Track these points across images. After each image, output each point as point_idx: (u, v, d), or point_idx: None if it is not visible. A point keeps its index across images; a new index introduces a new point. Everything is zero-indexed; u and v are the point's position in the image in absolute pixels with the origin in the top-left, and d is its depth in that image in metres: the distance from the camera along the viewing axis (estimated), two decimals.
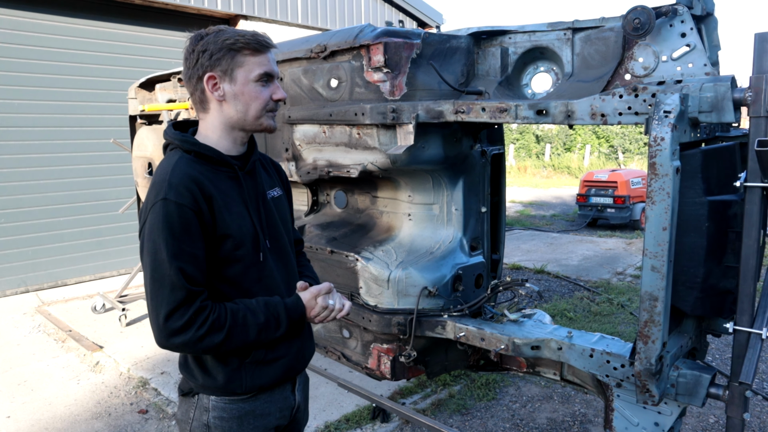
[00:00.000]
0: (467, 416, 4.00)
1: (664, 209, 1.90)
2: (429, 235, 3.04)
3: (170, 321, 1.48)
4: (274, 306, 1.62)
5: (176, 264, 1.47)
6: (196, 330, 1.49)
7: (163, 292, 1.48)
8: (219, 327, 1.52)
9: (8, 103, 6.64)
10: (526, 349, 2.57)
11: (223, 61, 1.58)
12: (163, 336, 1.50)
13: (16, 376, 4.70)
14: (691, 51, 2.13)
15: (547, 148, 26.37)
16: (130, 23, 7.47)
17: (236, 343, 1.55)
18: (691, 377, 2.14)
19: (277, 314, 1.61)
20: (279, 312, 1.62)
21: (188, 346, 1.51)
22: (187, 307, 1.49)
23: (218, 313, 1.53)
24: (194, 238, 1.51)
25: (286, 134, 3.29)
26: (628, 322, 5.80)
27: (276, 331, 1.61)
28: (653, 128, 1.89)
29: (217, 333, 1.51)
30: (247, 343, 1.58)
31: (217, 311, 1.53)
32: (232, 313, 1.55)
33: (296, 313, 1.66)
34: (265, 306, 1.61)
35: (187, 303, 1.49)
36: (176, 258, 1.47)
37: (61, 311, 6.40)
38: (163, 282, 1.48)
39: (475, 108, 2.51)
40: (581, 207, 11.55)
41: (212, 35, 1.59)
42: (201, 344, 1.51)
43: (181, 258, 1.48)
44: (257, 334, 1.58)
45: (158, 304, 1.49)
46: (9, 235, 6.80)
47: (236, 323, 1.55)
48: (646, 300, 1.98)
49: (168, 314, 1.48)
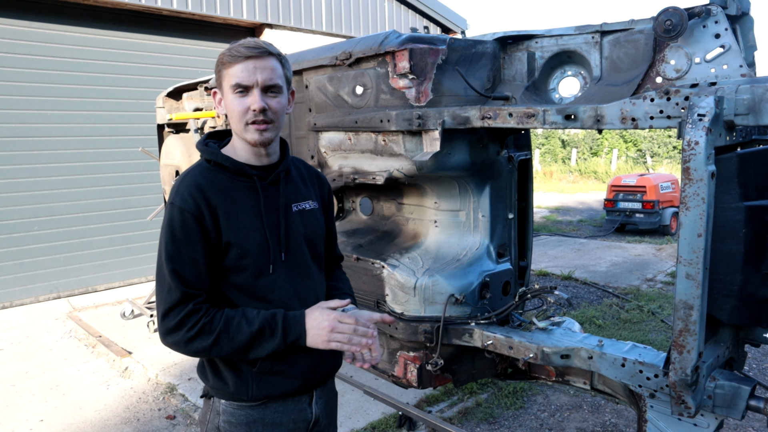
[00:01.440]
0: (494, 425, 3.95)
1: (699, 215, 1.84)
2: (455, 242, 3.01)
3: (166, 320, 1.54)
4: (272, 316, 1.58)
5: (171, 266, 1.53)
6: (186, 331, 1.53)
7: (163, 291, 1.55)
8: (209, 331, 1.53)
9: (41, 113, 6.82)
10: (555, 358, 2.52)
11: (217, 75, 1.63)
12: (161, 334, 1.57)
13: (48, 381, 4.79)
14: (725, 52, 2.07)
15: (573, 153, 26.07)
16: (157, 34, 7.61)
17: (227, 349, 1.55)
18: (729, 388, 2.07)
19: (274, 324, 1.57)
20: (276, 322, 1.58)
21: (179, 346, 1.55)
22: (182, 308, 1.53)
23: (211, 317, 1.55)
24: (194, 242, 1.55)
25: (312, 142, 3.30)
26: (660, 330, 5.67)
27: (271, 340, 1.57)
28: (687, 132, 1.84)
29: (206, 336, 1.53)
30: (238, 350, 1.56)
31: (210, 315, 1.55)
32: (227, 319, 1.55)
33: (295, 326, 1.59)
34: (263, 315, 1.58)
35: (182, 304, 1.53)
36: (173, 260, 1.53)
37: (91, 317, 6.52)
38: (163, 282, 1.55)
39: (502, 113, 2.48)
40: (609, 212, 11.37)
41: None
42: (191, 346, 1.54)
43: (178, 261, 1.53)
44: (249, 341, 1.55)
45: (158, 303, 1.56)
46: (42, 242, 6.96)
47: (228, 329, 1.54)
48: (680, 308, 1.93)
49: (164, 313, 1.54)
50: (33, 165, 6.81)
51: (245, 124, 1.59)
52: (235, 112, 1.59)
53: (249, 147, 1.65)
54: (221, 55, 1.60)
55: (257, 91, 1.57)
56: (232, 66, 1.56)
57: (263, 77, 1.57)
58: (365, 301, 3.08)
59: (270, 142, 1.65)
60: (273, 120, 1.61)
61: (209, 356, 1.60)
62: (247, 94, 1.57)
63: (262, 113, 1.57)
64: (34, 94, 6.74)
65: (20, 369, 5.06)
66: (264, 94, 1.58)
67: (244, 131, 1.60)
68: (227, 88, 1.59)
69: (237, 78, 1.56)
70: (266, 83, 1.58)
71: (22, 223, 6.79)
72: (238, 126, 1.61)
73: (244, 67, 1.55)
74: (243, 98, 1.57)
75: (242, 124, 1.59)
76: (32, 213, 6.85)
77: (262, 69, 1.57)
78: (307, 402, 1.75)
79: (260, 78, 1.57)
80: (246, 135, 1.61)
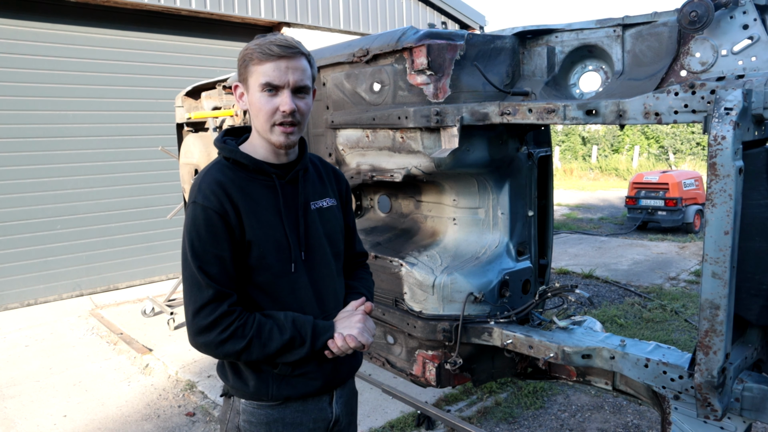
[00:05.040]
0: (514, 425, 3.90)
1: (726, 212, 1.79)
2: (474, 240, 2.98)
3: (197, 318, 1.51)
4: (302, 324, 1.58)
5: (199, 264, 1.50)
6: (220, 332, 1.50)
7: (193, 290, 1.52)
8: (242, 335, 1.51)
9: (62, 114, 6.91)
10: (576, 358, 2.47)
11: (242, 70, 1.58)
12: (191, 333, 1.54)
13: (71, 377, 4.86)
14: (754, 43, 2.00)
15: (593, 150, 25.75)
16: (176, 34, 7.67)
17: (256, 355, 1.54)
18: (758, 391, 2.01)
19: (304, 333, 1.58)
20: (306, 331, 1.58)
21: (210, 347, 1.53)
22: (215, 307, 1.50)
23: (245, 321, 1.53)
24: (220, 240, 1.52)
25: (330, 139, 3.28)
26: (683, 330, 5.56)
27: (300, 349, 1.57)
28: (713, 127, 1.79)
29: (239, 340, 1.51)
30: (268, 356, 1.55)
31: (244, 319, 1.53)
32: (259, 324, 1.54)
33: (324, 333, 1.61)
34: (293, 323, 1.57)
35: (215, 302, 1.51)
36: (199, 259, 1.51)
37: (113, 314, 6.61)
38: (193, 281, 1.52)
39: (522, 109, 2.44)
40: (630, 210, 11.20)
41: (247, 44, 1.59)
42: (222, 348, 1.52)
43: (205, 260, 1.51)
44: (280, 349, 1.55)
45: (188, 302, 1.53)
46: (64, 240, 7.06)
47: (260, 335, 1.53)
48: (706, 308, 1.87)
49: (196, 311, 1.51)
50: (56, 165, 6.91)
51: (272, 125, 1.56)
52: (262, 111, 1.55)
53: (269, 146, 1.63)
54: (249, 50, 1.55)
55: (288, 92, 1.54)
56: (262, 64, 1.52)
57: (295, 78, 1.54)
58: (383, 300, 3.06)
59: (294, 145, 1.64)
60: (300, 122, 1.58)
61: (237, 360, 1.58)
62: (277, 94, 1.54)
63: (291, 115, 1.55)
64: (56, 95, 6.84)
65: (44, 365, 5.14)
66: (294, 96, 1.55)
67: (270, 132, 1.57)
68: (255, 86, 1.55)
69: (268, 77, 1.52)
70: (297, 84, 1.55)
71: (46, 222, 6.90)
72: (264, 126, 1.57)
73: (276, 67, 1.52)
74: (272, 98, 1.54)
75: (269, 125, 1.56)
76: (56, 212, 6.96)
77: (294, 69, 1.54)
78: (327, 402, 1.74)
79: (292, 79, 1.53)
80: (271, 136, 1.58)
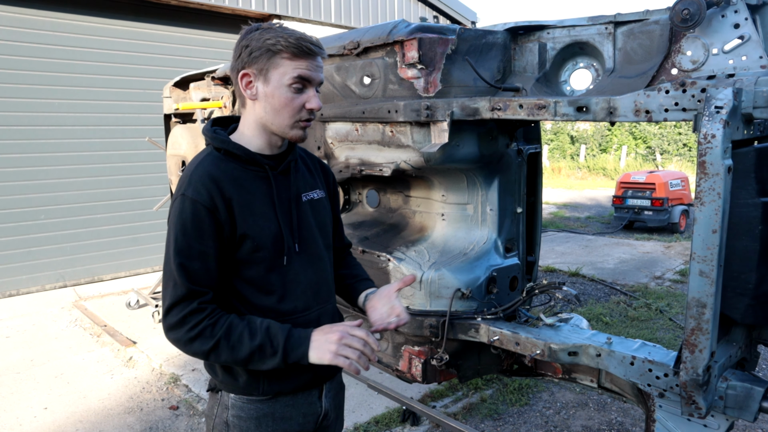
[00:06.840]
0: (499, 421, 3.91)
1: (714, 211, 1.79)
2: (463, 236, 2.97)
3: (169, 315, 1.49)
4: (276, 333, 1.51)
5: (179, 260, 1.47)
6: (187, 331, 1.47)
7: (168, 286, 1.50)
8: (210, 335, 1.47)
9: (48, 102, 6.81)
10: (562, 355, 2.48)
11: (261, 60, 1.52)
12: (164, 328, 1.52)
13: (53, 369, 4.80)
14: (745, 43, 2.00)
15: (582, 149, 25.88)
16: (164, 23, 7.57)
17: (225, 357, 1.49)
18: (741, 389, 2.02)
19: (276, 343, 1.50)
20: (279, 341, 1.50)
21: (180, 344, 1.50)
22: (186, 305, 1.48)
23: (215, 321, 1.48)
24: (205, 236, 1.49)
25: (319, 132, 3.25)
26: (668, 328, 5.61)
27: (272, 359, 1.49)
28: (703, 125, 1.79)
29: (207, 340, 1.47)
30: (236, 361, 1.50)
31: (214, 318, 1.49)
32: (230, 326, 1.49)
33: (298, 346, 1.51)
34: (267, 330, 1.51)
35: (187, 300, 1.48)
36: (181, 254, 1.47)
37: (96, 306, 6.54)
38: (169, 276, 1.49)
39: (512, 105, 2.43)
40: (617, 209, 11.28)
41: (259, 32, 1.54)
42: (191, 346, 1.49)
43: (187, 255, 1.47)
44: (249, 355, 1.48)
45: (164, 297, 1.51)
46: (48, 231, 6.96)
47: (229, 337, 1.48)
48: (693, 307, 1.88)
49: (168, 308, 1.49)
50: (40, 154, 6.80)
51: (296, 120, 1.57)
52: (289, 107, 1.54)
53: (264, 136, 1.61)
54: (275, 41, 1.50)
55: (314, 90, 1.57)
56: (296, 59, 1.51)
57: (320, 76, 1.58)
58: None
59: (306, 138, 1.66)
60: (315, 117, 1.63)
61: (208, 360, 1.54)
62: (303, 91, 1.55)
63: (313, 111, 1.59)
64: (41, 83, 6.72)
65: (25, 357, 5.07)
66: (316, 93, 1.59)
67: (290, 127, 1.58)
68: (280, 79, 1.52)
69: (300, 72, 1.52)
70: (320, 81, 1.59)
71: (29, 211, 6.79)
72: (287, 121, 1.56)
73: (310, 65, 1.53)
74: (298, 94, 1.54)
75: (292, 120, 1.56)
76: (39, 202, 6.85)
77: (319, 68, 1.57)
78: (316, 396, 1.73)
79: (319, 77, 1.58)
80: (291, 132, 1.58)
